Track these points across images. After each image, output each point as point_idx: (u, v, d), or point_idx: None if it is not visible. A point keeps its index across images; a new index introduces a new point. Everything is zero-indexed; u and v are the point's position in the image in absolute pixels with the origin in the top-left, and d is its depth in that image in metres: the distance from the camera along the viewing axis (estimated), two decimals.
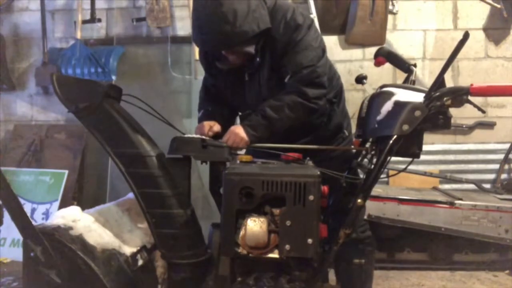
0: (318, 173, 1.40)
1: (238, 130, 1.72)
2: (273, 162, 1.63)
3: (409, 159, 1.54)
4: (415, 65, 1.85)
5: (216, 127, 1.87)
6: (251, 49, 1.74)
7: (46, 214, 3.26)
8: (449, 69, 1.42)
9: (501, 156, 3.37)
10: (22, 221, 1.40)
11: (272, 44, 1.75)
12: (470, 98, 1.43)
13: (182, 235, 1.54)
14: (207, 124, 1.86)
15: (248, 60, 1.79)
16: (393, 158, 1.50)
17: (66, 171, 3.38)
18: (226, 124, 1.95)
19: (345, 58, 3.51)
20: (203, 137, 1.67)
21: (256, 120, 1.74)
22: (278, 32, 1.74)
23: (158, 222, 1.53)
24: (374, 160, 1.55)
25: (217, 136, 1.87)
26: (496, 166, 3.39)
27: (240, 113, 2.06)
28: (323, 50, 1.84)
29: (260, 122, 1.74)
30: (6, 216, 1.40)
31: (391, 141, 1.44)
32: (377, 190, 2.85)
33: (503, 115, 3.47)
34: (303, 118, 1.79)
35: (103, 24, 3.62)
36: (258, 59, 1.77)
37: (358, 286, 1.91)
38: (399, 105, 1.46)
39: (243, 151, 1.81)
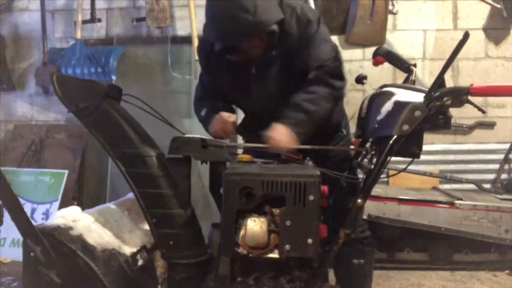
0: (318, 173, 1.40)
1: (283, 131, 1.64)
2: (273, 162, 1.64)
3: (409, 159, 1.54)
4: (415, 65, 1.85)
5: (234, 118, 1.81)
6: (269, 39, 1.71)
7: (46, 214, 3.26)
8: (449, 69, 1.42)
9: (501, 156, 3.37)
10: (22, 221, 1.40)
11: (284, 39, 1.74)
12: (470, 98, 1.43)
13: (182, 235, 1.54)
14: (225, 114, 1.80)
15: (260, 53, 1.77)
16: (393, 158, 1.50)
17: (66, 171, 3.38)
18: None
19: (345, 58, 3.47)
20: (202, 137, 1.66)
21: (296, 117, 1.68)
22: (291, 26, 1.73)
23: (158, 222, 1.53)
24: (374, 160, 1.55)
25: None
26: (496, 166, 3.39)
27: (238, 108, 2.03)
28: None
29: (301, 117, 1.68)
30: (6, 216, 1.40)
31: (391, 141, 1.44)
32: (377, 190, 2.86)
33: (503, 115, 3.47)
34: (333, 109, 1.80)
35: (103, 24, 3.62)
36: (273, 52, 1.76)
37: (357, 286, 1.91)
38: (399, 105, 1.46)
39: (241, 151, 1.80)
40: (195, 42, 3.22)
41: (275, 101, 1.85)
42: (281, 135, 1.64)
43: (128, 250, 1.51)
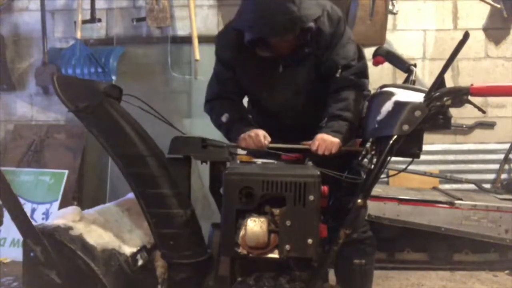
0: (318, 173, 1.40)
1: (326, 137, 1.69)
2: (273, 162, 1.64)
3: (409, 159, 1.54)
4: (415, 65, 1.85)
5: (268, 138, 1.76)
6: (304, 36, 1.70)
7: (46, 214, 3.25)
8: (449, 69, 1.42)
9: (501, 156, 3.37)
10: (22, 221, 1.40)
11: (317, 36, 1.75)
12: (470, 98, 1.43)
13: (182, 235, 1.54)
14: (261, 133, 1.75)
15: (291, 50, 1.76)
16: (393, 158, 1.50)
17: (66, 171, 3.37)
18: None
19: None
20: (203, 137, 1.65)
21: (337, 125, 1.73)
22: (323, 24, 1.74)
23: (158, 222, 1.53)
24: (374, 160, 1.55)
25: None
26: (496, 166, 3.38)
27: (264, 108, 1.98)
28: None
29: (341, 125, 1.73)
30: (6, 216, 1.40)
31: (391, 141, 1.45)
32: (377, 190, 2.85)
33: (503, 115, 3.47)
34: (362, 107, 1.82)
35: (103, 24, 3.61)
36: (306, 49, 1.76)
37: (358, 286, 1.91)
38: (399, 105, 1.46)
39: (245, 151, 1.80)
40: (195, 42, 3.22)
41: (299, 100, 1.85)
42: (323, 141, 1.68)
43: (128, 250, 1.51)
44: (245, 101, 2.05)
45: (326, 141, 1.67)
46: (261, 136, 1.73)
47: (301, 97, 1.85)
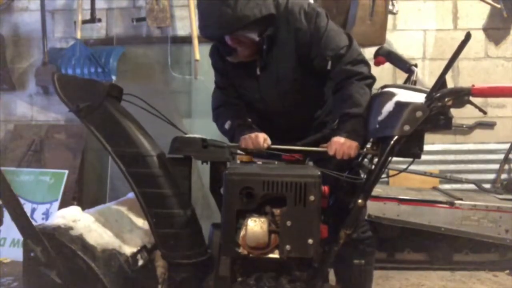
0: (319, 173, 1.40)
1: (344, 141, 1.63)
2: (274, 162, 1.64)
3: (410, 159, 1.54)
4: (416, 65, 1.85)
5: (269, 141, 1.76)
6: (253, 36, 1.71)
7: (46, 214, 3.25)
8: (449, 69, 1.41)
9: (501, 156, 3.37)
10: (22, 221, 1.40)
11: (295, 35, 1.75)
12: (471, 98, 1.43)
13: (182, 235, 1.54)
14: (262, 136, 1.76)
15: (257, 53, 1.78)
16: (394, 158, 1.50)
17: (66, 171, 3.37)
18: None
19: None
20: (203, 137, 1.66)
21: (350, 124, 1.66)
22: (301, 23, 1.75)
23: (159, 222, 1.53)
24: (375, 160, 1.55)
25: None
26: (496, 166, 3.38)
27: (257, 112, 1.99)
28: None
29: (352, 123, 1.66)
30: (6, 216, 1.40)
31: (392, 142, 1.44)
32: (377, 190, 2.85)
33: (503, 115, 3.47)
34: (370, 94, 1.76)
35: (103, 24, 3.61)
36: (265, 46, 1.75)
37: (358, 286, 1.91)
38: (400, 106, 1.46)
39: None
40: (195, 42, 3.22)
41: (289, 100, 1.86)
42: (340, 145, 1.63)
43: (128, 250, 1.51)
44: None
45: (344, 145, 1.62)
46: (261, 138, 1.74)
47: (290, 96, 1.85)
